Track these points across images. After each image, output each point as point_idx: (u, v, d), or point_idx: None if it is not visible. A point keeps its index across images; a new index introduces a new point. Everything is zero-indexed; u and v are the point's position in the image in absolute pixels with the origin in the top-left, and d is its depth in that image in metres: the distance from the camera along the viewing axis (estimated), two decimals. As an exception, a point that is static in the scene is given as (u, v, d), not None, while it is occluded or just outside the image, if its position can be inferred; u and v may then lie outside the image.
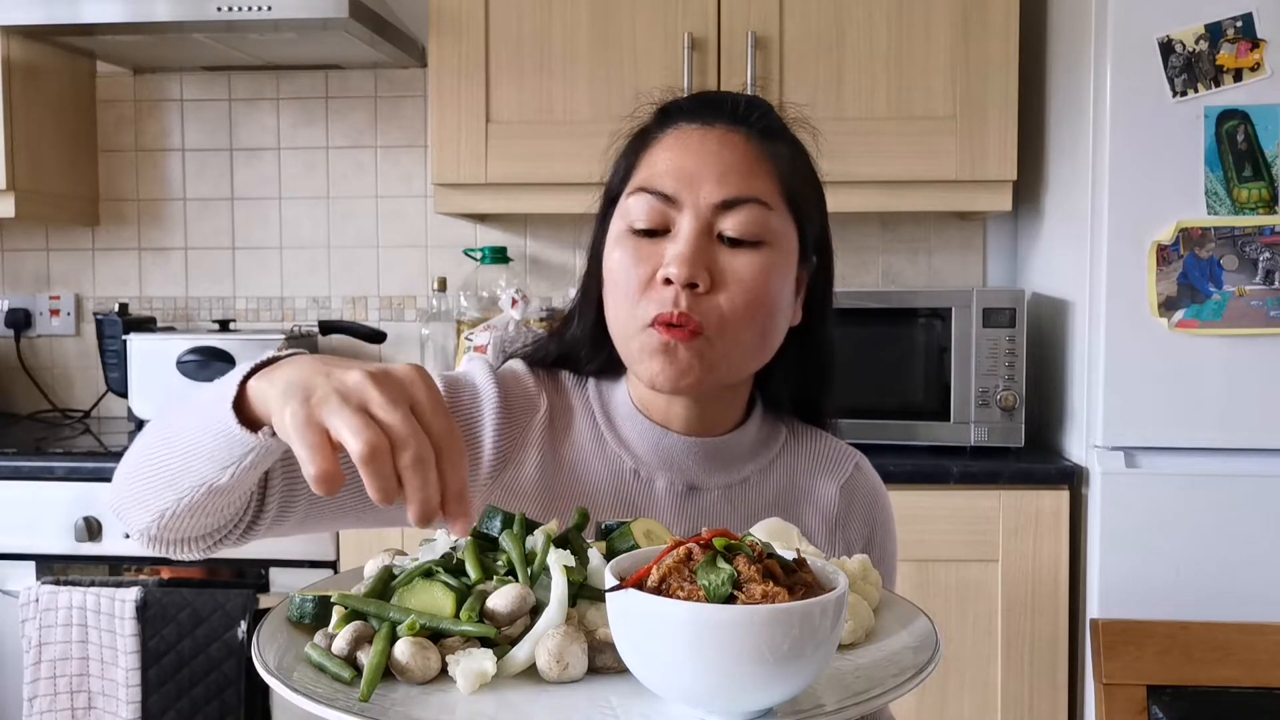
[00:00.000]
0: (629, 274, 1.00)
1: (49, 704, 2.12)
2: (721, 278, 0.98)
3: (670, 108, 1.06)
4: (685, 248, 0.97)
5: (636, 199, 1.01)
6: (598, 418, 1.08)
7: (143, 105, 2.91)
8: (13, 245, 2.95)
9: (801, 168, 1.06)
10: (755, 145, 1.02)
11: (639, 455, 1.06)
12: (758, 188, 1.00)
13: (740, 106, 1.04)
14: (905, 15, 2.37)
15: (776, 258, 1.00)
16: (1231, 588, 2.07)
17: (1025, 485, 2.18)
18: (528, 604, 0.77)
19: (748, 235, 0.99)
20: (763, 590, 0.68)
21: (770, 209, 1.00)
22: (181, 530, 0.90)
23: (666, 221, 0.99)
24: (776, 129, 1.05)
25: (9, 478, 2.24)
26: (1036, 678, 2.19)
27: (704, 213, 0.99)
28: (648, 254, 0.99)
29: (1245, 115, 2.04)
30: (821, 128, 2.57)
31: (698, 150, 1.01)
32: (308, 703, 0.70)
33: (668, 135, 1.03)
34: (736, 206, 0.99)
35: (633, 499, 1.05)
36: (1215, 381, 2.07)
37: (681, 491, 1.05)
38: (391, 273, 2.88)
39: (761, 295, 0.99)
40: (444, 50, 2.42)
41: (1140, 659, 1.33)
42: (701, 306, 0.98)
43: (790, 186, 1.03)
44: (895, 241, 2.79)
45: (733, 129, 1.02)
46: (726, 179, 0.99)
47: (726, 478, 1.07)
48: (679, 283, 0.97)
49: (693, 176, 0.99)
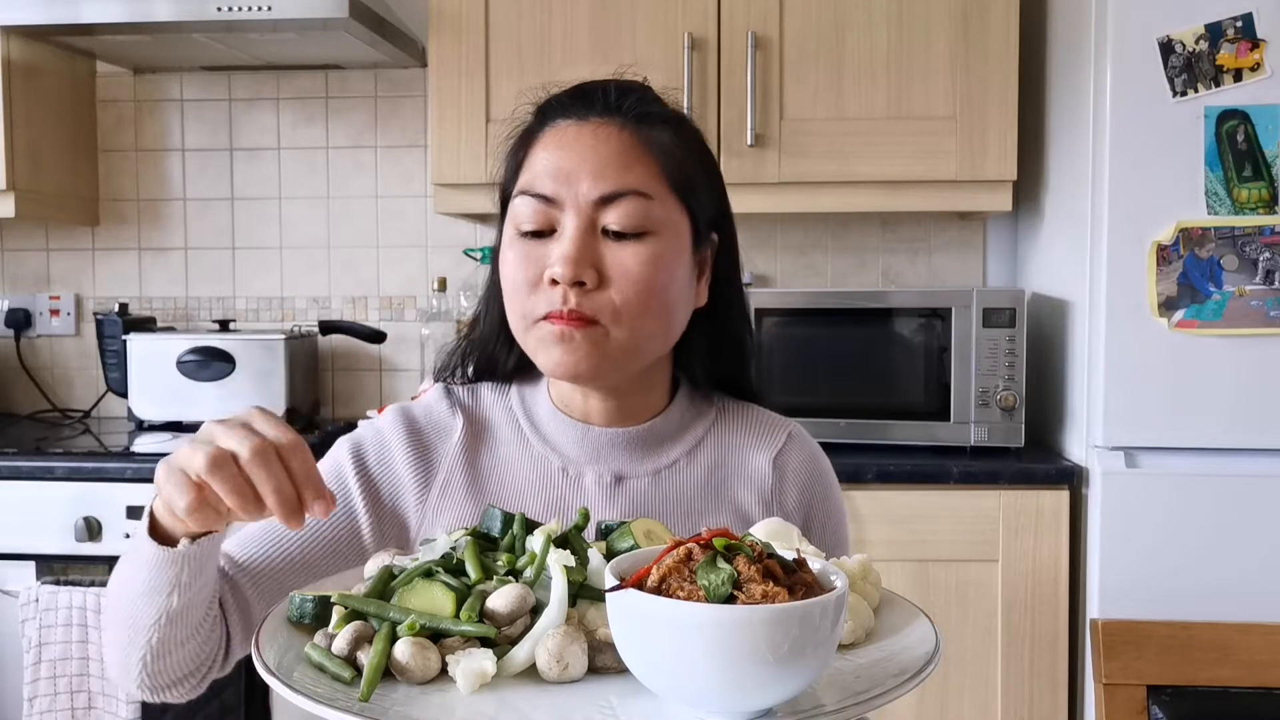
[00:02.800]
0: (518, 276, 1.01)
1: (49, 704, 2.12)
2: (608, 272, 0.99)
3: (546, 105, 1.06)
4: (568, 247, 0.98)
5: (521, 202, 1.02)
6: (521, 423, 1.10)
7: (143, 105, 2.91)
8: (13, 245, 2.95)
9: (686, 149, 1.05)
10: (631, 134, 1.01)
11: (565, 453, 1.08)
12: (636, 179, 1.00)
13: (612, 96, 1.03)
14: (905, 15, 2.37)
15: (663, 246, 1.01)
16: (1231, 588, 2.07)
17: (1025, 485, 2.18)
18: (528, 604, 0.77)
19: (630, 227, 0.99)
20: (763, 590, 0.68)
21: (651, 198, 1.00)
22: (168, 672, 0.95)
23: (551, 222, 1.00)
24: (653, 114, 1.04)
25: (9, 478, 2.24)
26: (1036, 678, 2.19)
27: (584, 210, 0.99)
28: (535, 255, 1.00)
29: (1245, 115, 2.04)
30: (821, 128, 2.58)
31: (573, 147, 1.01)
32: (308, 703, 0.70)
33: (546, 133, 1.04)
34: (616, 200, 0.99)
35: (562, 496, 1.06)
36: (1215, 381, 2.07)
37: (610, 483, 1.07)
38: (391, 273, 2.88)
39: (652, 285, 1.00)
40: (444, 50, 2.42)
41: (1140, 659, 1.33)
42: (593, 303, 0.99)
43: (673, 171, 1.02)
44: (895, 241, 2.79)
45: (606, 120, 1.02)
46: (603, 174, 0.99)
47: (655, 463, 1.08)
48: (564, 282, 0.98)
49: (570, 174, 1.00)
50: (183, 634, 0.92)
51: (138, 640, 0.91)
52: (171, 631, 0.91)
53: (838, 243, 2.80)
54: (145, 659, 0.92)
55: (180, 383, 2.60)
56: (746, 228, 2.78)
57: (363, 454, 1.09)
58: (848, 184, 2.40)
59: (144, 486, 2.22)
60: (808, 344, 2.33)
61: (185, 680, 0.97)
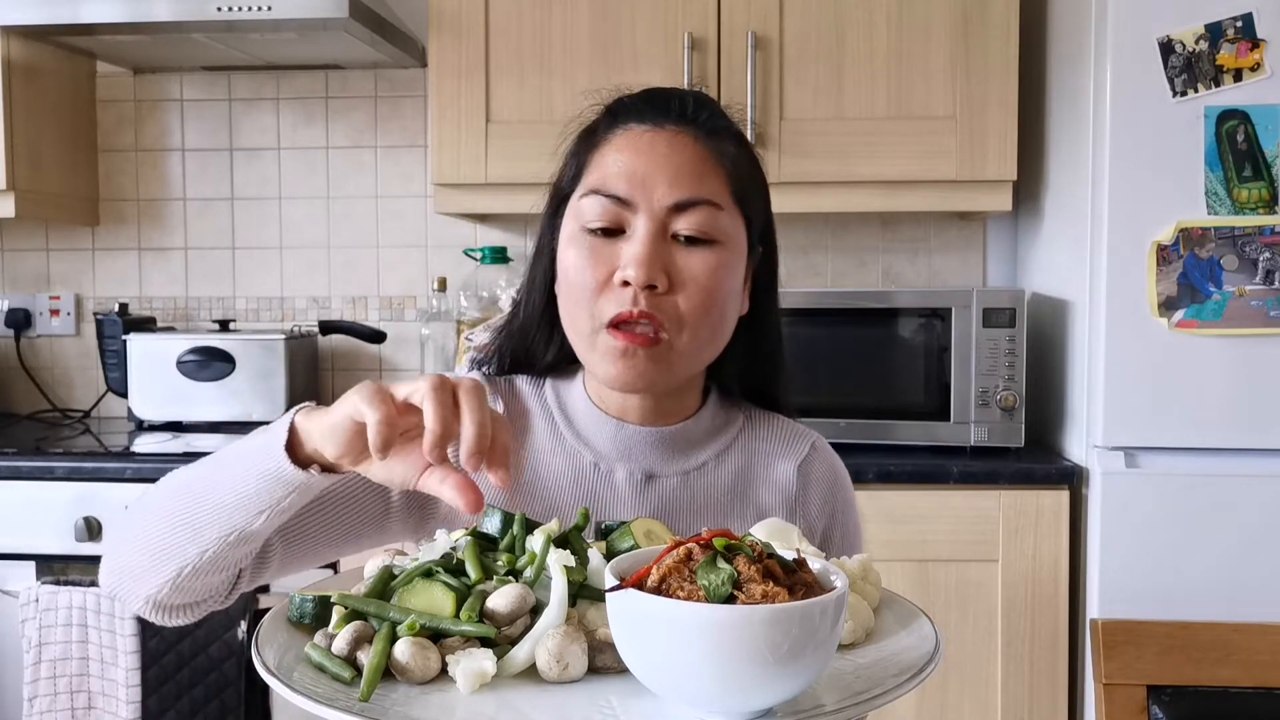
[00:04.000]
0: (584, 274, 1.01)
1: (49, 704, 2.12)
2: (678, 278, 1.00)
3: (618, 107, 1.08)
4: (642, 250, 0.99)
5: (590, 200, 1.02)
6: (555, 417, 1.11)
7: (143, 105, 2.91)
8: (13, 245, 2.95)
9: (746, 163, 1.07)
10: (703, 145, 1.03)
11: (598, 449, 1.08)
12: (709, 188, 1.02)
13: (689, 106, 1.05)
14: (905, 15, 2.37)
15: (728, 255, 1.03)
16: (1231, 588, 2.07)
17: (1025, 485, 2.18)
18: (528, 604, 0.77)
19: (701, 235, 1.01)
20: (763, 590, 0.68)
21: (721, 209, 1.02)
22: (191, 592, 0.94)
23: (621, 222, 1.01)
24: (722, 127, 1.07)
25: (9, 478, 2.24)
26: (1036, 678, 2.19)
27: (658, 215, 1.00)
28: (603, 255, 1.01)
29: (1245, 115, 2.04)
30: (822, 128, 2.58)
31: (648, 152, 1.02)
32: (308, 703, 0.70)
33: (617, 136, 1.05)
34: (690, 208, 1.00)
35: (594, 491, 1.07)
36: (1215, 381, 2.07)
37: (640, 481, 1.07)
38: (391, 273, 2.88)
39: (716, 293, 1.02)
40: (444, 50, 2.42)
41: (1140, 659, 1.33)
42: (660, 306, 1.00)
43: (737, 184, 1.04)
44: (895, 241, 2.79)
45: (681, 129, 1.04)
46: (679, 181, 1.01)
47: (684, 464, 1.09)
48: (638, 285, 0.99)
49: (645, 179, 1.01)
50: (234, 558, 0.91)
51: (190, 550, 0.89)
52: (230, 551, 0.89)
53: (838, 243, 2.80)
54: (185, 570, 0.90)
55: (180, 383, 2.60)
56: (746, 228, 2.78)
57: None
58: (848, 184, 2.40)
59: (144, 486, 2.21)
60: (808, 344, 2.33)
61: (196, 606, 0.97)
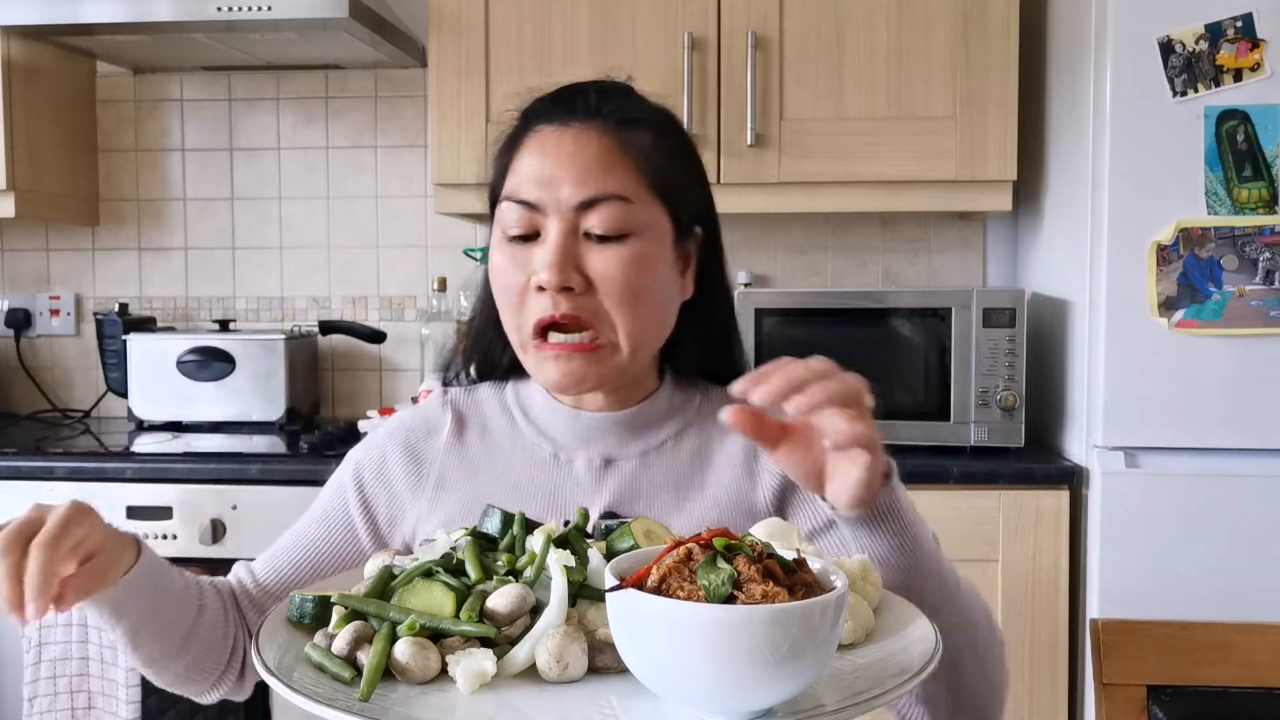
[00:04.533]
0: (508, 282, 1.03)
1: (49, 704, 2.12)
2: (593, 276, 1.01)
3: (529, 110, 1.08)
4: (552, 253, 1.00)
5: (506, 207, 1.03)
6: (515, 415, 1.13)
7: (143, 105, 2.91)
8: (13, 245, 2.95)
9: (668, 148, 1.07)
10: (611, 138, 1.03)
11: (557, 440, 1.10)
12: (616, 183, 1.01)
13: (593, 100, 1.05)
14: (905, 15, 2.37)
15: (644, 246, 1.02)
16: (1231, 588, 2.07)
17: (1025, 485, 2.18)
18: (528, 604, 0.77)
19: (611, 230, 1.01)
20: (763, 590, 0.68)
21: (631, 201, 1.02)
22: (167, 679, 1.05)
23: (535, 227, 1.02)
24: (634, 117, 1.06)
25: (9, 478, 2.24)
26: (1036, 678, 2.19)
27: (566, 215, 1.01)
28: (523, 260, 1.02)
29: (1245, 115, 2.04)
30: (821, 128, 2.58)
31: (554, 153, 1.02)
32: (308, 703, 0.70)
33: (529, 139, 1.05)
34: (597, 204, 1.00)
35: (553, 482, 1.08)
36: (1215, 381, 2.07)
37: (599, 466, 1.08)
38: (391, 273, 2.88)
39: (636, 285, 1.01)
40: (444, 50, 2.42)
41: (1140, 659, 1.33)
42: (584, 307, 1.01)
43: (654, 172, 1.04)
44: (895, 241, 2.79)
45: (587, 125, 1.03)
46: (584, 179, 1.01)
47: (643, 445, 1.10)
48: (551, 288, 1.00)
49: (551, 180, 1.01)
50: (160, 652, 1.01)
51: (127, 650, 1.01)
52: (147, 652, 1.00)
53: (838, 243, 2.80)
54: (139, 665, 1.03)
55: (180, 383, 2.60)
56: (746, 228, 2.79)
57: (360, 472, 1.14)
58: (848, 184, 2.40)
59: (144, 486, 2.22)
60: (808, 344, 2.31)
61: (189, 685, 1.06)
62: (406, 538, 1.11)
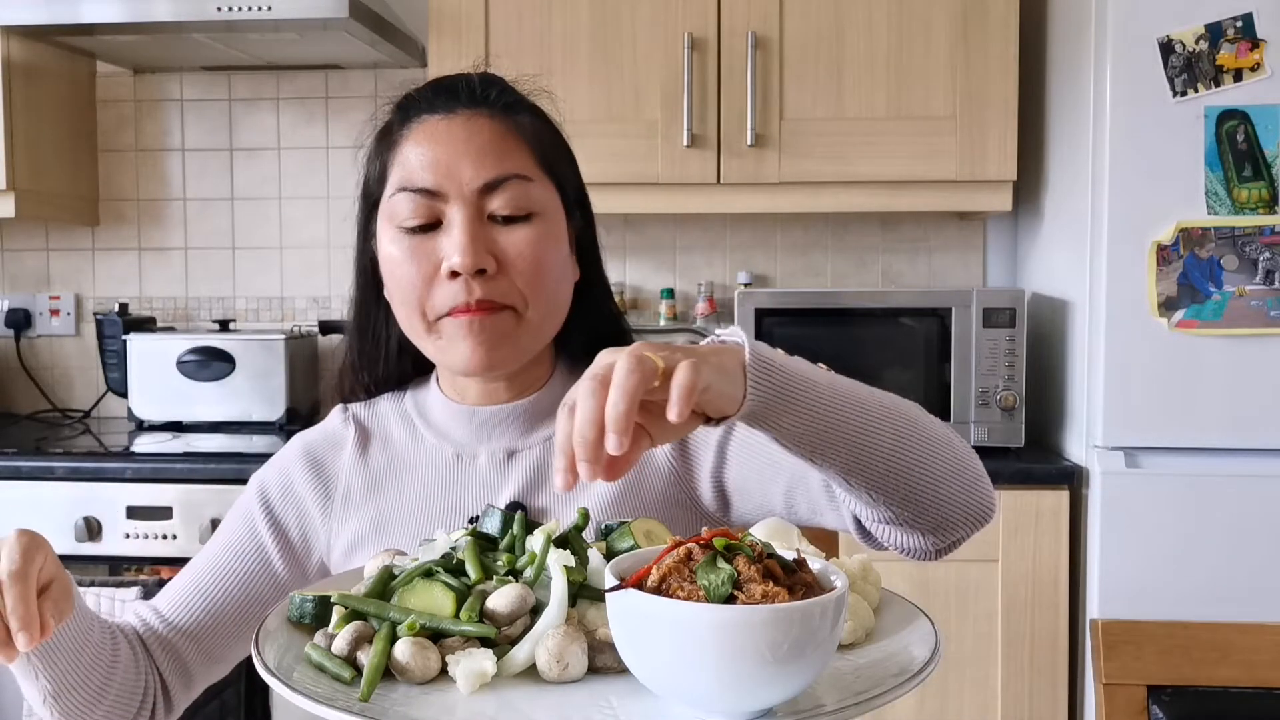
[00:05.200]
0: (411, 274, 1.01)
1: (49, 704, 2.12)
2: (504, 257, 1.00)
3: (408, 102, 1.08)
4: (463, 237, 0.98)
5: (400, 198, 1.01)
6: (415, 421, 1.11)
7: (143, 105, 2.91)
8: (13, 245, 2.95)
9: (547, 133, 1.07)
10: (501, 122, 1.03)
11: (457, 440, 1.09)
12: (515, 163, 1.01)
13: (477, 87, 1.05)
14: (905, 15, 2.37)
15: (548, 225, 1.03)
16: (1231, 588, 2.07)
17: (1025, 485, 2.18)
18: (528, 604, 0.77)
19: (517, 210, 1.00)
20: (763, 590, 0.68)
21: (531, 180, 1.02)
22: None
23: (435, 215, 1.00)
24: (515, 102, 1.06)
25: (9, 478, 2.24)
26: (1036, 678, 2.19)
27: (470, 198, 1.00)
28: (424, 250, 1.00)
29: (1245, 115, 2.04)
30: (821, 128, 2.58)
31: (447, 139, 1.01)
32: (308, 703, 0.70)
33: (413, 130, 1.04)
34: (500, 185, 1.00)
35: (456, 480, 1.07)
36: (1215, 381, 2.07)
37: (502, 459, 1.08)
38: (391, 273, 2.88)
39: (545, 263, 1.02)
40: (444, 50, 2.42)
41: (1140, 659, 1.33)
42: (497, 289, 1.00)
43: (542, 154, 1.04)
44: (895, 241, 2.79)
45: (475, 111, 1.03)
46: (483, 161, 1.00)
47: (544, 433, 1.08)
48: (466, 272, 0.98)
49: (449, 166, 1.00)
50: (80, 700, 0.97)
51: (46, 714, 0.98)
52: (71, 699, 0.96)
53: (838, 243, 2.80)
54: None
55: (180, 383, 2.60)
56: (746, 228, 2.79)
57: (267, 493, 1.12)
58: (848, 184, 2.40)
59: (144, 486, 2.22)
60: (808, 344, 2.33)
61: None
62: (321, 555, 1.10)
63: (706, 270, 2.79)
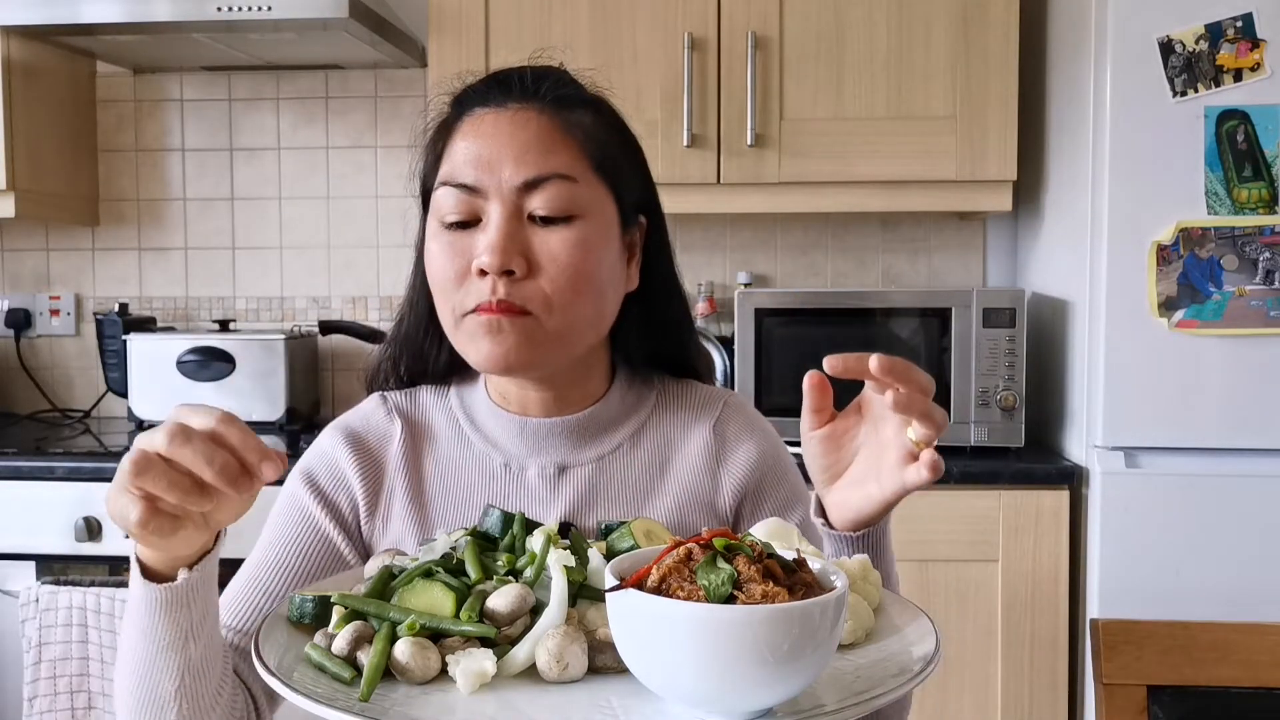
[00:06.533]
0: (445, 269, 0.99)
1: (49, 704, 2.12)
2: (537, 260, 0.97)
3: (464, 95, 1.05)
4: (494, 236, 0.96)
5: (443, 193, 1.00)
6: (461, 423, 1.08)
7: (143, 105, 2.91)
8: (13, 245, 2.95)
9: (608, 131, 1.04)
10: (550, 118, 1.00)
11: (506, 449, 1.06)
12: (559, 162, 0.98)
13: (529, 80, 1.02)
14: (905, 15, 2.37)
15: (591, 229, 0.99)
16: (1231, 588, 2.07)
17: (1025, 485, 2.18)
18: (528, 604, 0.77)
19: (556, 211, 0.97)
20: (763, 590, 0.68)
21: (575, 181, 0.98)
22: None
23: (475, 211, 0.98)
24: (572, 97, 1.02)
25: (9, 478, 2.24)
26: (1036, 678, 2.19)
27: (509, 197, 0.97)
28: (461, 247, 0.98)
29: (1245, 115, 2.04)
30: (821, 128, 2.57)
31: (492, 134, 0.99)
32: (308, 703, 0.70)
33: (464, 123, 1.02)
34: (540, 185, 0.97)
35: (505, 492, 1.05)
36: (1215, 381, 2.07)
37: (553, 474, 1.05)
38: (391, 273, 2.88)
39: (582, 269, 0.98)
40: (444, 50, 2.42)
41: (1140, 659, 1.33)
42: (523, 292, 0.97)
43: (595, 153, 1.01)
44: (895, 241, 2.79)
45: (525, 106, 1.00)
46: (525, 159, 0.97)
47: (597, 450, 1.06)
48: (493, 271, 0.96)
49: (491, 162, 0.98)
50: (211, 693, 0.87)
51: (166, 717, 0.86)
52: (200, 690, 0.86)
53: (838, 243, 2.80)
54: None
55: (180, 383, 2.60)
56: (746, 228, 2.79)
57: (315, 479, 1.08)
58: (848, 184, 2.40)
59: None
60: (808, 344, 2.33)
61: None
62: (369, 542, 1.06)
63: (706, 270, 2.79)
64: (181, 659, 0.84)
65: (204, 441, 0.72)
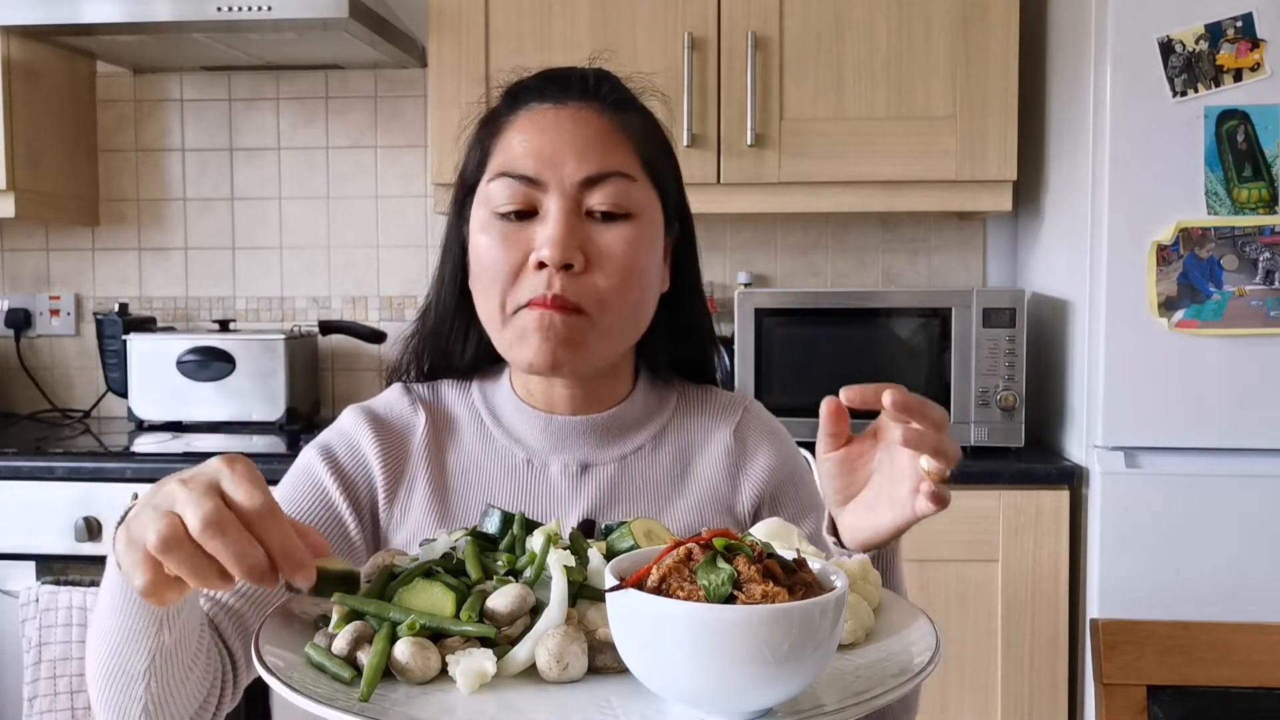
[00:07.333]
0: (498, 260, 0.99)
1: (49, 704, 2.12)
2: (595, 255, 0.98)
3: (518, 89, 1.05)
4: (557, 229, 0.97)
5: (499, 184, 1.00)
6: (484, 417, 1.08)
7: (143, 105, 2.91)
8: (13, 245, 2.95)
9: (654, 136, 1.06)
10: (609, 119, 1.01)
11: (530, 445, 1.07)
12: (619, 161, 1.00)
13: (590, 81, 1.04)
14: (905, 15, 2.37)
15: (645, 229, 1.01)
16: (1231, 588, 2.07)
17: (1025, 485, 2.18)
18: (528, 604, 0.77)
19: (616, 209, 0.99)
20: (763, 590, 0.68)
21: (634, 180, 1.00)
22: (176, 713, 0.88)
23: (532, 203, 0.99)
24: (626, 100, 1.05)
25: (9, 478, 2.24)
26: (1036, 678, 2.19)
27: (570, 191, 0.98)
28: (516, 238, 0.99)
29: (1245, 115, 2.04)
30: (821, 128, 2.57)
31: (553, 129, 1.00)
32: (308, 703, 0.70)
33: (520, 117, 1.02)
34: (601, 181, 0.98)
35: (528, 489, 1.05)
36: (1215, 381, 2.07)
37: (576, 472, 1.05)
38: (391, 273, 2.88)
39: (635, 268, 0.99)
40: (444, 50, 2.42)
41: (1140, 659, 1.33)
42: (577, 287, 0.97)
43: (647, 156, 1.03)
44: (895, 241, 2.79)
45: (584, 105, 1.02)
46: (587, 155, 0.98)
47: (620, 450, 1.07)
48: (554, 265, 0.96)
49: (553, 156, 0.98)
50: (181, 671, 0.86)
51: (134, 692, 0.84)
52: (169, 671, 0.85)
53: (838, 243, 2.80)
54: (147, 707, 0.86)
55: (180, 383, 2.60)
56: (746, 228, 2.79)
57: (334, 454, 1.07)
58: (848, 184, 2.40)
59: (144, 486, 2.21)
60: (808, 344, 2.33)
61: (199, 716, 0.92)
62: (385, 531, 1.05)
63: (706, 270, 2.76)
64: (154, 642, 0.83)
65: (239, 536, 0.69)
